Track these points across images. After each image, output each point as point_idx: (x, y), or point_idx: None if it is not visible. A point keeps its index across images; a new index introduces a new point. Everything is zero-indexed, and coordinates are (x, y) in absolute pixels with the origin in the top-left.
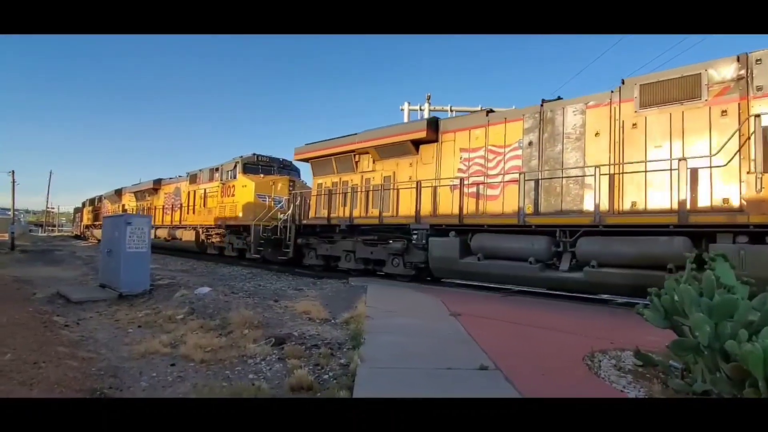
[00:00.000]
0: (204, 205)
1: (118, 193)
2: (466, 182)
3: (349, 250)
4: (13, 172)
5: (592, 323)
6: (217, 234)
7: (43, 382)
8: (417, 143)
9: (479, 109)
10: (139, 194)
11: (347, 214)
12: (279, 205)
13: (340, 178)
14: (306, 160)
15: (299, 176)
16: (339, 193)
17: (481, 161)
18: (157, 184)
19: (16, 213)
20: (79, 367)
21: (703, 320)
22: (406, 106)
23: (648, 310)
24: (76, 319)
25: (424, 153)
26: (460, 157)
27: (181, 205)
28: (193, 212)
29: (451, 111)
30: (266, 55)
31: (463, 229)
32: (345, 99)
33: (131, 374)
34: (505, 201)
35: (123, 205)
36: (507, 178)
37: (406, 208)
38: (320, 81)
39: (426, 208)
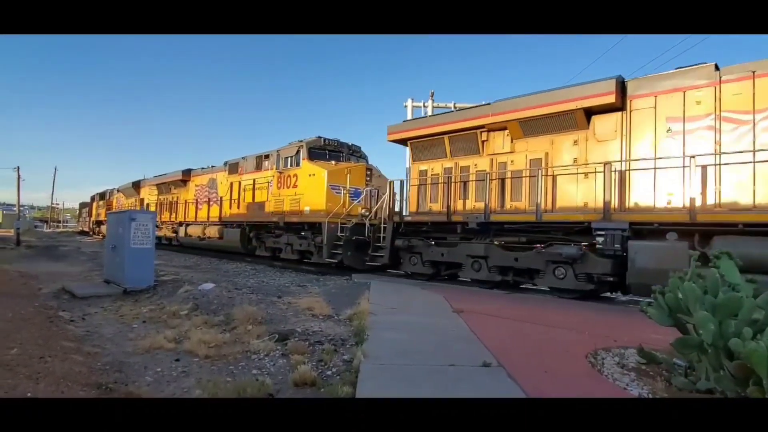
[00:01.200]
0: (253, 199)
1: (136, 185)
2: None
3: (478, 256)
4: (18, 168)
5: (595, 321)
6: (269, 233)
7: (50, 377)
8: (589, 113)
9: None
10: (163, 187)
11: (470, 207)
12: (357, 200)
13: (456, 163)
14: (403, 141)
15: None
16: (456, 182)
17: (708, 134)
18: (187, 175)
19: (21, 209)
20: (84, 361)
21: (707, 318)
22: (409, 103)
23: (652, 307)
24: (82, 314)
25: (600, 125)
26: (668, 129)
27: (220, 199)
28: (237, 207)
29: (455, 107)
30: (267, 53)
31: (688, 230)
32: (343, 98)
33: (136, 369)
34: (757, 189)
35: (142, 200)
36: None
37: (567, 199)
38: (322, 81)
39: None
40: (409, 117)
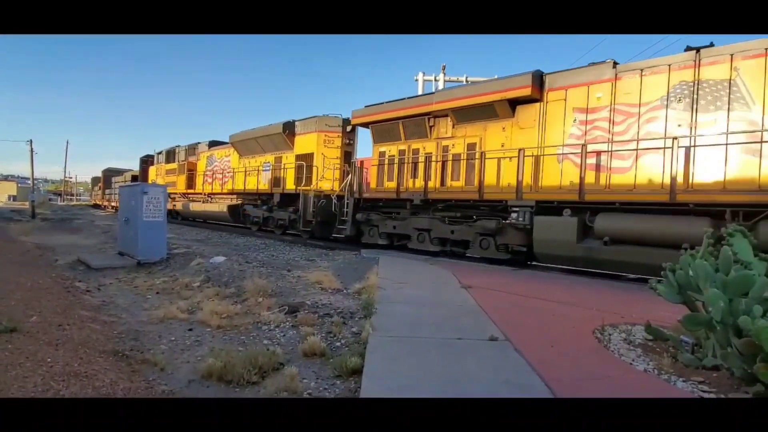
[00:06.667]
0: None
1: (289, 129)
2: None
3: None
4: (31, 141)
5: (603, 298)
6: None
7: (68, 343)
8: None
9: (495, 78)
10: (406, 126)
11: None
12: None
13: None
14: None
15: None
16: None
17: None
18: (537, 86)
19: (35, 182)
20: (101, 330)
21: (717, 295)
22: (420, 77)
23: (661, 285)
24: (97, 284)
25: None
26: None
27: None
28: None
29: (467, 81)
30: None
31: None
32: (354, 73)
33: (151, 338)
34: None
35: (303, 156)
36: None
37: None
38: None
39: None
40: (420, 91)
